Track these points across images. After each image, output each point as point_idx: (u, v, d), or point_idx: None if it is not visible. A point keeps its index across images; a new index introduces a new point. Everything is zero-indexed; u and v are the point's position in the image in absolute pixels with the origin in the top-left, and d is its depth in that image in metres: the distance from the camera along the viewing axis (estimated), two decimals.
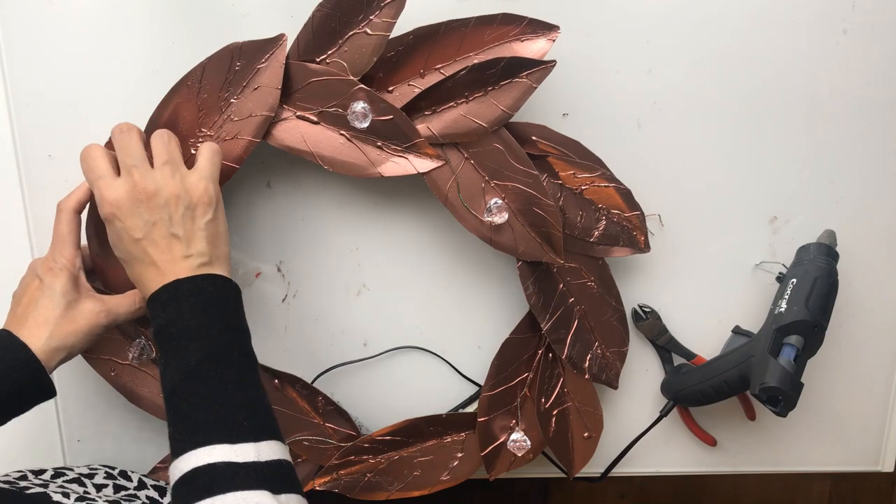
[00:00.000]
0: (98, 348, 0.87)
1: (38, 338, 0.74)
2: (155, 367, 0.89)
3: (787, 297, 0.89)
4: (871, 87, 0.92)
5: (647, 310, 0.96)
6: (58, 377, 0.94)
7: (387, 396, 0.98)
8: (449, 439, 0.95)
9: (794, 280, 0.89)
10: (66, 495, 0.78)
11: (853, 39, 0.91)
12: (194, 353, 0.68)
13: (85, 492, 0.83)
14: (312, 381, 0.94)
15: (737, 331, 0.97)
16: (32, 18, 0.85)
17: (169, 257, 0.72)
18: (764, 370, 0.85)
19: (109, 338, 0.87)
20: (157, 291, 0.71)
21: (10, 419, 0.74)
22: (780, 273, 0.94)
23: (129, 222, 0.72)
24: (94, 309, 0.77)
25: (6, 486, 0.76)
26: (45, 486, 0.80)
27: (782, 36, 0.90)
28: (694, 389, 0.93)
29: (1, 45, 0.86)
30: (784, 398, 0.84)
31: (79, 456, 0.97)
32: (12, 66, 0.86)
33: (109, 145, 0.77)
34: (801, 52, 0.91)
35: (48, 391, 0.75)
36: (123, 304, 0.79)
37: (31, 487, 0.77)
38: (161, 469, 0.92)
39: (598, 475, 1.01)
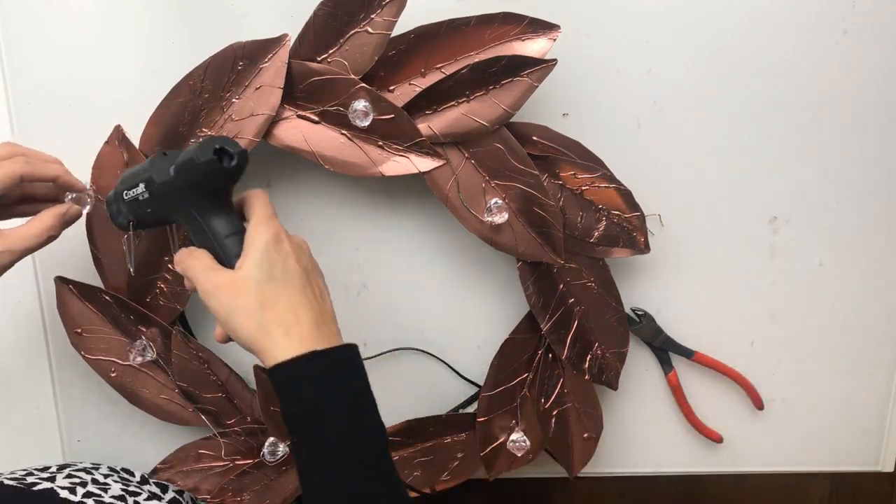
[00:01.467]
0: (99, 349, 0.87)
1: None
2: (154, 367, 0.89)
3: None
4: (871, 87, 0.92)
5: (640, 313, 0.96)
6: (58, 377, 0.94)
7: (387, 397, 0.97)
8: (449, 440, 0.95)
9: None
10: (73, 490, 0.78)
11: (853, 39, 0.91)
12: (357, 442, 0.63)
13: (93, 479, 0.83)
14: None
15: None
16: (32, 18, 0.85)
17: (325, 307, 0.68)
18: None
19: (110, 338, 0.87)
20: (323, 351, 0.64)
21: None
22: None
23: (296, 252, 0.68)
24: None
25: (13, 482, 0.76)
26: (52, 479, 0.80)
27: (782, 36, 0.90)
28: None
29: (1, 45, 0.86)
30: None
31: (79, 456, 0.97)
32: (12, 66, 0.86)
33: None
34: (801, 52, 0.91)
35: None
36: (29, 238, 0.72)
37: (37, 483, 0.77)
38: (161, 469, 0.92)
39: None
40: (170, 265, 0.85)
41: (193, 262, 0.68)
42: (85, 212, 0.77)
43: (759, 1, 0.89)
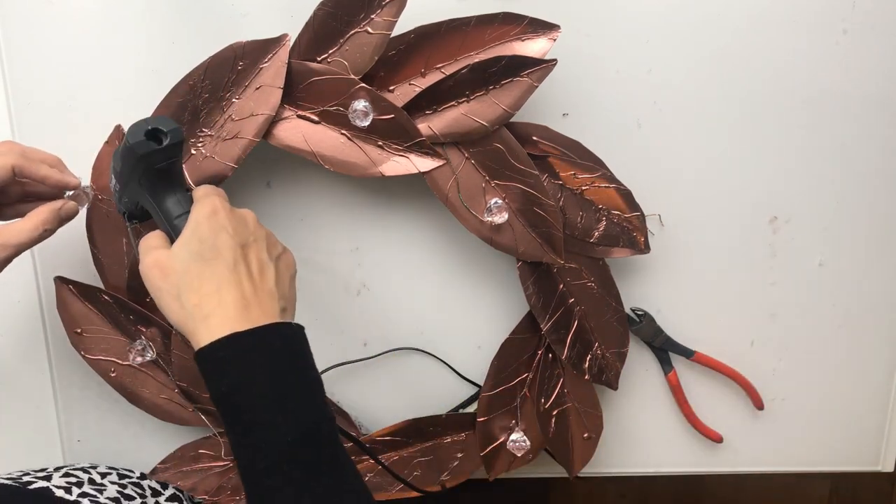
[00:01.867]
0: (99, 348, 0.87)
1: None
2: (154, 367, 0.89)
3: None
4: (871, 87, 0.92)
5: (640, 313, 0.96)
6: (58, 377, 0.94)
7: (387, 397, 0.98)
8: (449, 439, 0.95)
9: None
10: (69, 490, 0.78)
11: (853, 39, 0.91)
12: (283, 430, 0.59)
13: (89, 479, 0.83)
14: None
15: None
16: (32, 18, 0.85)
17: (259, 285, 0.64)
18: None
19: (109, 338, 0.87)
20: (242, 334, 0.61)
21: None
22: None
23: (232, 225, 0.65)
24: None
25: (9, 482, 0.76)
26: (48, 479, 0.80)
27: (782, 36, 0.90)
28: None
29: (1, 45, 0.86)
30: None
31: (79, 456, 0.97)
32: (12, 66, 0.86)
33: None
34: (801, 52, 0.91)
35: None
36: (25, 233, 0.70)
37: (33, 482, 0.77)
38: (161, 469, 0.92)
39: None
40: None
41: (142, 243, 0.67)
42: (83, 209, 0.77)
43: (759, 1, 0.89)
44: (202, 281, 0.63)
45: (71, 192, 0.77)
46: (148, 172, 0.67)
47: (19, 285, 0.91)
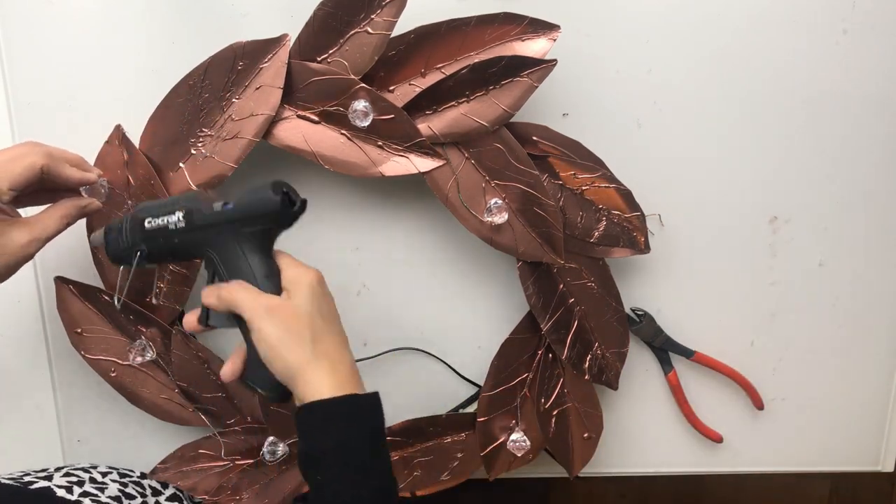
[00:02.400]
0: (99, 348, 0.87)
1: None
2: (154, 367, 0.89)
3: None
4: (871, 87, 0.92)
5: (641, 313, 0.96)
6: (58, 377, 0.94)
7: (387, 396, 0.97)
8: (449, 439, 0.95)
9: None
10: (70, 490, 0.78)
11: (853, 39, 0.91)
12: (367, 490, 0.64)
13: (90, 478, 0.83)
14: None
15: None
16: (32, 18, 0.85)
17: (345, 359, 0.69)
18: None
19: (109, 338, 0.87)
20: (334, 400, 0.64)
21: None
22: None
23: (329, 293, 0.69)
24: (24, 239, 0.71)
25: (10, 482, 0.76)
26: (49, 478, 0.80)
27: (782, 36, 0.90)
28: None
29: (1, 45, 0.86)
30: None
31: (79, 456, 0.97)
32: (12, 66, 0.86)
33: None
34: (801, 52, 0.91)
35: None
36: (51, 225, 0.73)
37: (34, 482, 0.77)
38: (161, 469, 0.92)
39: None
40: (160, 281, 0.85)
41: (244, 291, 0.67)
42: (103, 202, 0.78)
43: (759, 1, 0.89)
44: (324, 337, 0.67)
45: (87, 187, 0.78)
46: (254, 228, 0.68)
47: (19, 285, 0.91)
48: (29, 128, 0.88)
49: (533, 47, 0.82)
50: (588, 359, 0.91)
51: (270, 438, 0.91)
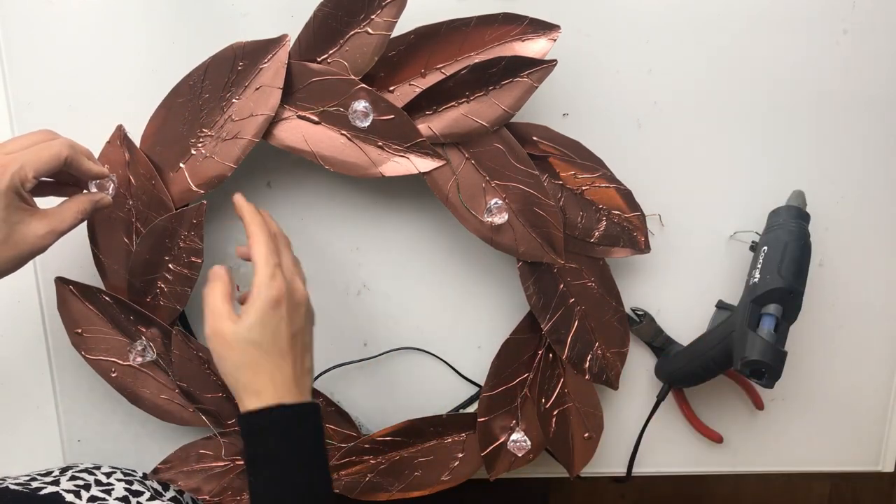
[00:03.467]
0: (99, 349, 0.87)
1: None
2: (155, 368, 0.89)
3: (759, 266, 0.87)
4: (872, 87, 0.92)
5: (640, 313, 0.96)
6: (58, 377, 0.94)
7: (387, 397, 0.98)
8: (449, 440, 0.95)
9: (766, 248, 0.88)
10: (78, 494, 0.78)
11: (853, 39, 0.91)
12: (291, 489, 0.70)
13: (96, 480, 0.83)
14: (312, 382, 0.94)
15: (720, 305, 0.96)
16: (32, 18, 0.85)
17: (300, 367, 0.74)
18: (744, 344, 0.84)
19: (110, 338, 0.87)
20: (280, 407, 0.71)
21: None
22: (752, 242, 0.92)
23: (290, 315, 0.73)
24: (41, 231, 0.70)
25: (18, 487, 0.76)
26: (56, 483, 0.80)
27: (782, 36, 0.90)
28: (684, 370, 0.93)
29: (1, 45, 0.86)
30: (767, 370, 0.83)
31: (79, 456, 0.97)
32: (12, 66, 0.86)
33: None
34: (801, 52, 0.91)
35: None
36: (68, 219, 0.72)
37: (42, 488, 0.77)
38: (162, 469, 0.92)
39: (623, 475, 1.02)
40: (170, 267, 0.85)
41: (209, 303, 0.73)
42: (111, 198, 0.79)
43: (759, 1, 0.89)
44: (258, 367, 0.71)
45: (96, 182, 0.78)
46: None
47: (19, 285, 0.91)
48: (29, 128, 0.87)
49: (533, 47, 0.82)
50: (588, 359, 0.91)
51: None
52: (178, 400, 0.89)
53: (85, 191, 0.77)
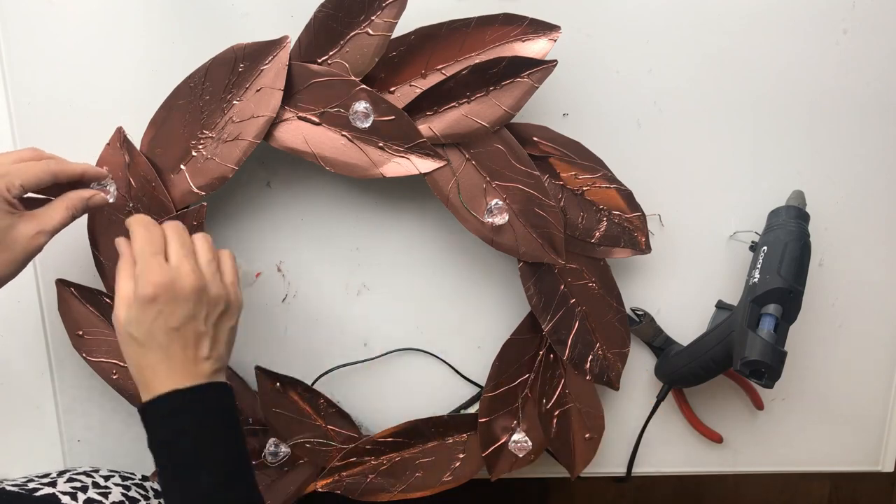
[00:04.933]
0: (100, 350, 0.87)
1: None
2: None
3: (759, 265, 0.87)
4: (871, 87, 0.92)
5: (640, 313, 0.96)
6: (58, 377, 0.94)
7: (388, 397, 0.98)
8: (450, 440, 0.95)
9: (766, 247, 0.88)
10: (74, 496, 0.78)
11: (853, 39, 0.91)
12: (206, 476, 0.68)
13: (93, 482, 0.83)
14: (313, 383, 0.94)
15: (720, 305, 0.96)
16: (32, 18, 0.85)
17: (192, 355, 0.71)
18: (744, 344, 0.84)
19: (111, 340, 0.87)
20: (169, 394, 0.69)
21: None
22: (752, 242, 0.92)
23: (170, 308, 0.70)
24: (30, 232, 0.71)
25: (15, 488, 0.76)
26: (53, 485, 0.80)
27: (782, 36, 0.90)
28: (684, 370, 0.93)
29: (1, 45, 0.85)
30: (767, 370, 0.83)
31: (79, 456, 0.97)
32: (12, 66, 0.86)
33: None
34: (801, 52, 0.91)
35: None
36: (56, 217, 0.73)
37: (39, 489, 0.77)
38: None
39: (623, 475, 1.02)
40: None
41: (122, 282, 0.72)
42: (110, 200, 0.79)
43: (760, 1, 0.89)
44: (139, 359, 0.70)
45: (96, 184, 0.78)
46: None
47: (19, 286, 0.90)
48: (29, 128, 0.87)
49: (533, 48, 0.82)
50: (589, 359, 0.91)
51: (272, 440, 0.91)
52: None
53: (88, 189, 0.77)
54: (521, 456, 0.93)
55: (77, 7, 0.85)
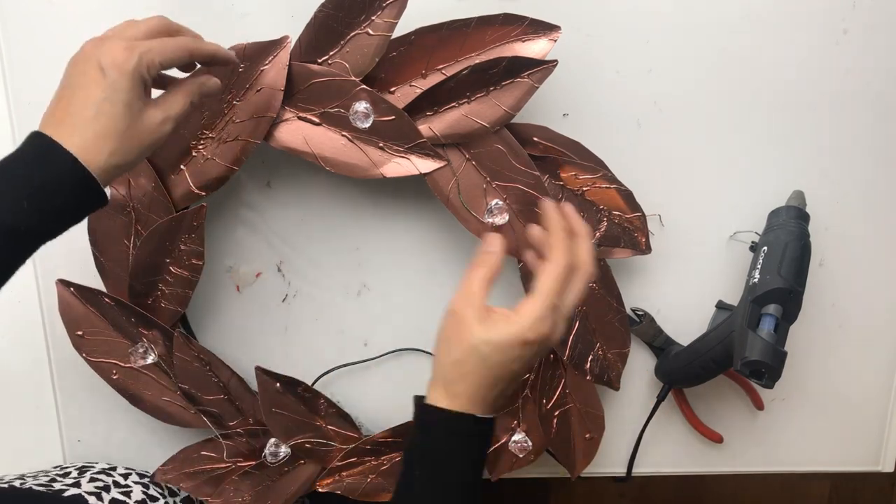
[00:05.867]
0: (100, 351, 0.87)
1: (98, 153, 0.62)
2: (156, 370, 0.88)
3: (759, 266, 0.87)
4: (871, 87, 0.92)
5: (640, 313, 0.96)
6: (58, 377, 0.94)
7: (388, 397, 0.98)
8: None
9: (766, 248, 0.88)
10: (100, 496, 0.78)
11: (853, 39, 0.91)
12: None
13: (114, 482, 0.83)
14: (313, 383, 0.94)
15: (720, 305, 0.96)
16: (32, 18, 0.85)
17: (500, 400, 0.68)
18: (744, 344, 0.84)
19: (111, 340, 0.87)
20: (473, 417, 0.66)
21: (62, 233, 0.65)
22: (752, 242, 0.92)
23: (530, 360, 0.67)
24: (158, 118, 0.66)
25: (42, 489, 0.76)
26: (77, 485, 0.80)
27: (782, 36, 0.90)
28: (684, 370, 0.93)
29: (1, 45, 0.86)
30: (767, 370, 0.83)
31: (79, 456, 0.97)
32: (12, 66, 0.86)
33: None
34: (801, 52, 0.91)
35: (102, 202, 0.65)
36: (179, 103, 0.68)
37: (65, 490, 0.77)
38: (163, 471, 0.92)
39: (623, 475, 1.02)
40: (171, 269, 0.85)
41: (467, 278, 0.70)
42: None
43: (759, 1, 0.89)
44: (469, 375, 0.66)
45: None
46: None
47: (19, 286, 0.91)
48: (29, 128, 0.86)
49: (533, 48, 0.82)
50: (590, 359, 0.91)
51: (272, 440, 0.91)
52: (179, 402, 0.89)
53: (201, 75, 0.72)
54: (521, 456, 0.93)
55: (77, 7, 0.85)
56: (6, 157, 0.62)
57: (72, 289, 0.86)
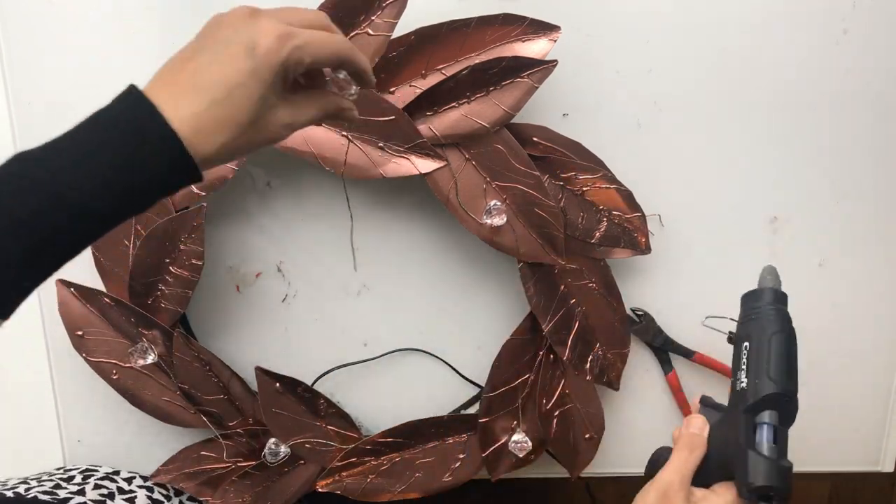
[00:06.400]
0: (100, 351, 0.87)
1: (209, 143, 0.53)
2: (156, 370, 0.89)
3: (744, 367, 0.76)
4: (871, 87, 0.92)
5: (640, 313, 0.96)
6: (58, 377, 0.94)
7: (388, 397, 0.98)
8: (450, 441, 0.95)
9: (748, 343, 0.76)
10: None
11: (853, 39, 0.91)
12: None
13: (118, 487, 0.83)
14: (313, 383, 0.94)
15: (705, 402, 0.82)
16: (32, 18, 0.85)
17: None
18: (745, 467, 0.73)
19: (111, 340, 0.87)
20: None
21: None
22: (729, 332, 0.80)
23: None
24: (285, 121, 0.58)
25: (46, 496, 0.76)
26: (82, 493, 0.79)
27: (782, 36, 0.90)
28: None
29: (1, 45, 0.86)
30: (776, 493, 0.72)
31: (79, 456, 0.97)
32: (12, 66, 0.86)
33: None
34: (801, 52, 0.91)
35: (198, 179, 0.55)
36: (310, 114, 0.60)
37: (70, 498, 0.77)
38: (163, 471, 0.92)
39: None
40: (171, 269, 0.85)
41: (672, 466, 0.73)
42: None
43: (760, 1, 0.89)
44: None
45: (337, 82, 0.63)
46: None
47: None
48: (29, 128, 0.87)
49: (533, 48, 0.82)
50: (589, 359, 0.91)
51: (272, 440, 0.91)
52: (179, 402, 0.89)
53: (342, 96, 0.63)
54: (521, 456, 0.93)
55: (77, 7, 0.85)
56: (101, 117, 0.56)
57: (72, 289, 0.86)
